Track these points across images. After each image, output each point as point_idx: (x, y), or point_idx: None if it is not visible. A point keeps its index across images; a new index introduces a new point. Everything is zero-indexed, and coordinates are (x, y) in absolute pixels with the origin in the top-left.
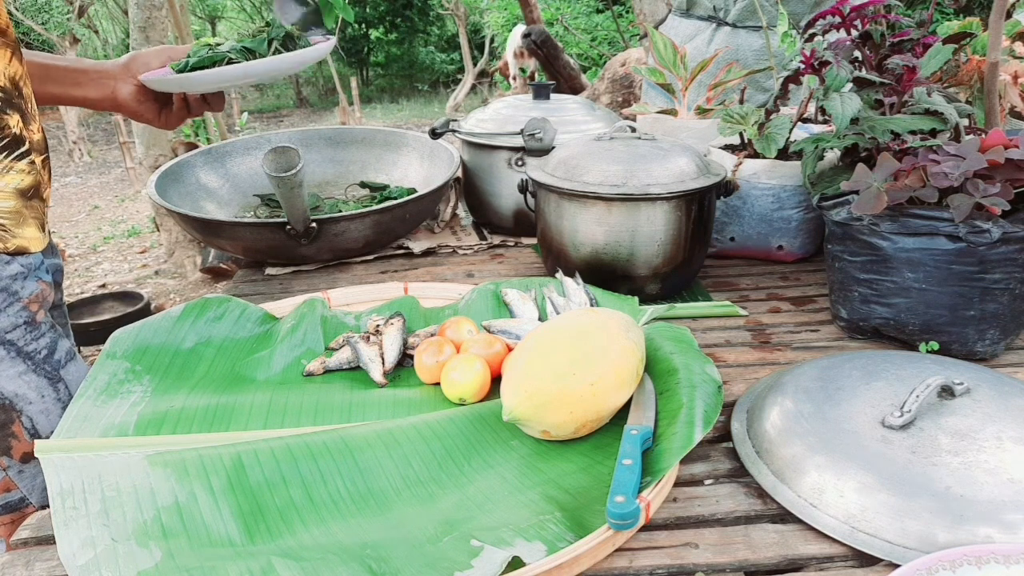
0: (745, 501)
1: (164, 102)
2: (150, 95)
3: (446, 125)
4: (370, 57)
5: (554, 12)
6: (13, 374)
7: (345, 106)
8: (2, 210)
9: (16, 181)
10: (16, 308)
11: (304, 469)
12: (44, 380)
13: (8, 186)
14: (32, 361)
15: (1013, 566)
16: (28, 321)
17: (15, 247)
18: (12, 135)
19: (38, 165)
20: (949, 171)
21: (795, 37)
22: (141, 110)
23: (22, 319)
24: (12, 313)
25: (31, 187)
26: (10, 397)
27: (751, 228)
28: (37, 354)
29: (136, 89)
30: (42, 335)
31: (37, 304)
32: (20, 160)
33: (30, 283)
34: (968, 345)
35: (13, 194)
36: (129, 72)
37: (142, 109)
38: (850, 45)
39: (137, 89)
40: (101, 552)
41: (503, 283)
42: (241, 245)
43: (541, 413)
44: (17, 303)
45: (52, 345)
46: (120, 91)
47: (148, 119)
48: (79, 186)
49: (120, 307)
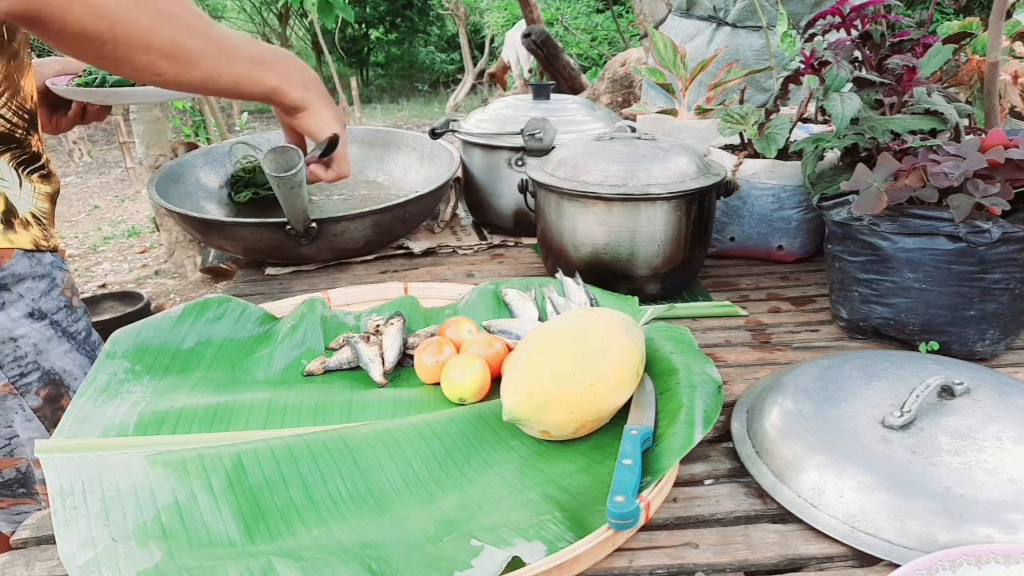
0: (745, 501)
1: (56, 109)
2: (43, 102)
3: (446, 125)
4: (370, 57)
5: (554, 12)
6: (61, 352)
7: (345, 106)
8: (42, 211)
9: (46, 188)
10: (56, 292)
11: (304, 469)
12: (86, 359)
13: (41, 191)
14: (75, 340)
15: (1013, 566)
16: (67, 305)
17: (53, 245)
18: (32, 153)
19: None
20: (949, 171)
21: (795, 37)
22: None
23: (62, 302)
24: (55, 296)
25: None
26: (59, 373)
27: (751, 228)
28: (79, 334)
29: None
30: (79, 318)
31: (70, 291)
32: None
33: (60, 272)
34: (968, 345)
35: (46, 197)
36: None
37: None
38: (850, 45)
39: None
40: (101, 552)
41: (503, 283)
42: (241, 245)
43: (541, 413)
44: (56, 288)
45: (88, 328)
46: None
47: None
48: (79, 186)
49: (120, 307)
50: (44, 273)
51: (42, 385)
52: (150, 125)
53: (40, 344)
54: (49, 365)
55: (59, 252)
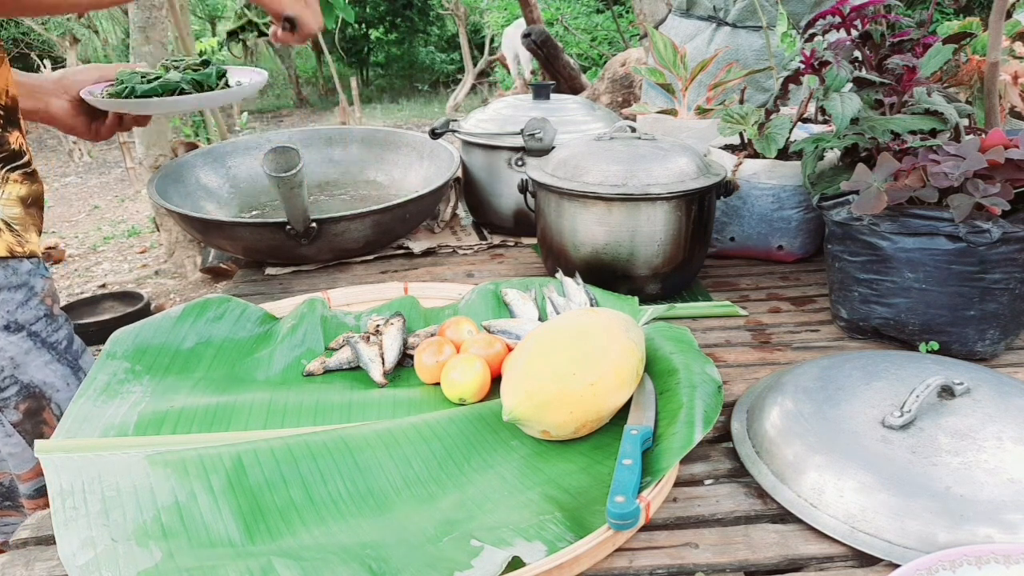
0: (745, 501)
1: (95, 116)
2: (83, 110)
3: (446, 125)
4: (370, 57)
5: (554, 12)
6: (41, 363)
7: (345, 106)
8: (13, 217)
9: (17, 191)
10: (35, 302)
11: (304, 469)
12: (67, 369)
13: (12, 195)
14: (55, 351)
15: (1013, 566)
16: (47, 314)
17: (28, 251)
18: (11, 150)
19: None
20: (949, 171)
21: (795, 37)
22: (74, 123)
23: (42, 312)
24: (33, 306)
25: (29, 196)
26: (39, 385)
27: (751, 228)
28: (59, 344)
29: (70, 104)
30: (60, 327)
31: (51, 299)
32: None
33: (41, 280)
34: (968, 345)
35: (17, 202)
36: (62, 88)
37: (75, 123)
38: (850, 45)
39: (71, 104)
40: (101, 552)
41: (503, 283)
42: (241, 245)
43: (541, 413)
44: (35, 298)
45: (70, 336)
46: (52, 105)
47: (79, 132)
48: (79, 186)
49: (120, 307)
50: (21, 283)
51: (21, 399)
52: (150, 125)
53: (18, 357)
54: (28, 378)
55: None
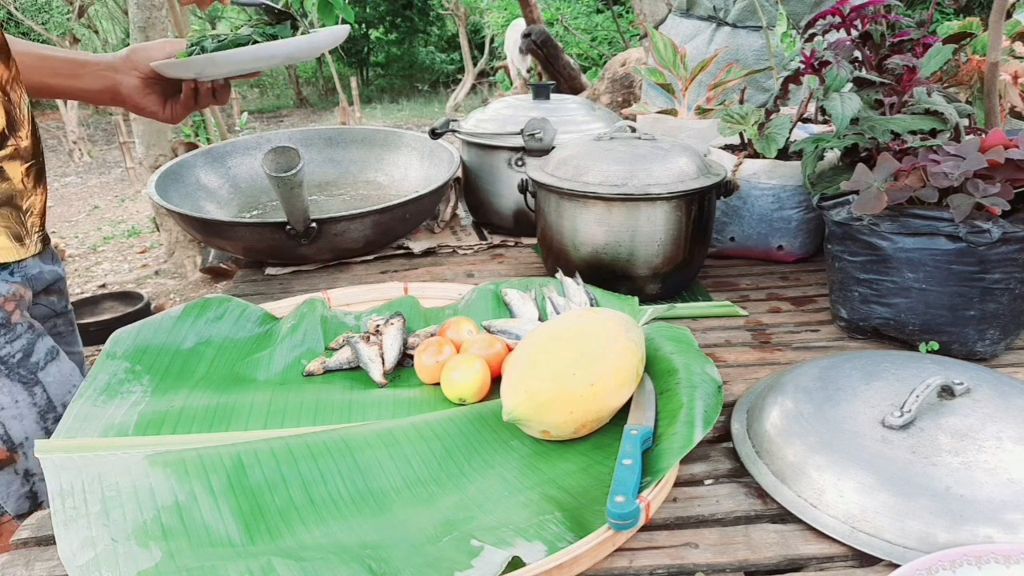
0: (745, 501)
1: (169, 94)
2: (155, 87)
3: (446, 125)
4: (370, 57)
5: (554, 12)
6: None
7: (345, 106)
8: None
9: None
10: None
11: (304, 469)
12: (18, 385)
13: None
14: (5, 366)
15: (1013, 566)
16: (3, 323)
17: None
18: None
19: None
20: (949, 171)
21: (795, 37)
22: (145, 102)
23: None
24: None
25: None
26: None
27: (751, 228)
28: (11, 358)
29: (140, 82)
30: (17, 337)
31: (13, 303)
32: None
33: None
34: (968, 345)
35: None
36: (131, 64)
37: (146, 102)
38: (850, 45)
39: (141, 82)
40: (101, 552)
41: (503, 283)
42: (241, 245)
43: (541, 413)
44: None
45: (29, 347)
46: (123, 83)
47: (152, 112)
48: (79, 186)
49: (120, 307)
50: None
51: None
52: (150, 125)
53: None
54: None
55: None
